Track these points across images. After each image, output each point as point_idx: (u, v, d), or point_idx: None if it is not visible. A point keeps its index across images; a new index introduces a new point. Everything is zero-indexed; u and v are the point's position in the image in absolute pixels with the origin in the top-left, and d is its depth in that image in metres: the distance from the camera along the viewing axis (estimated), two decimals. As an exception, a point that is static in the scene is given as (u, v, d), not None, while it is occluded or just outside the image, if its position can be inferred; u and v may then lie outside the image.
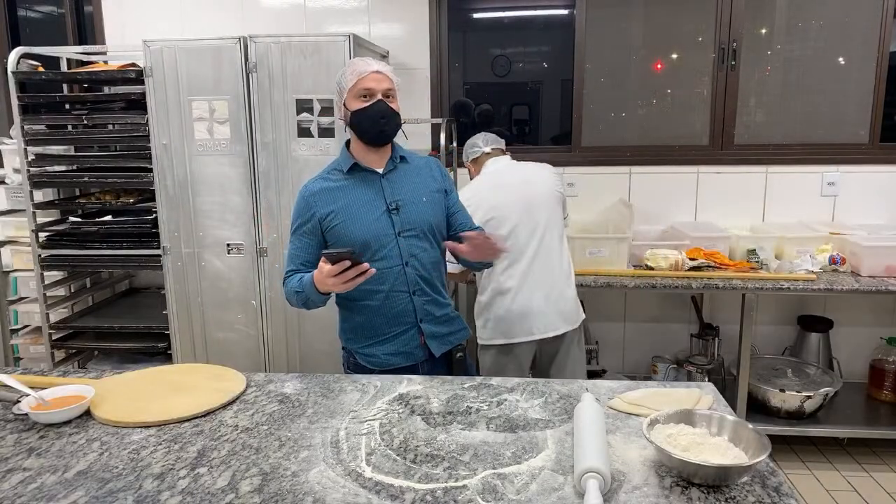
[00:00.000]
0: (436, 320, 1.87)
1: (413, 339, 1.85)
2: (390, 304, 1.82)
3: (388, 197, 1.81)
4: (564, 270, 2.38)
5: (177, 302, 2.90)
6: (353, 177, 1.82)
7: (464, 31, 3.54)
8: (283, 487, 1.19)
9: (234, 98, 2.70)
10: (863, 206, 3.28)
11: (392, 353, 1.85)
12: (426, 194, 1.86)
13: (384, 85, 1.77)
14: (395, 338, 1.85)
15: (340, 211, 1.79)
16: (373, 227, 1.78)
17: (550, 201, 2.37)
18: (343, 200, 1.80)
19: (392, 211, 1.80)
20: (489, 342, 2.37)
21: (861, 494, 2.69)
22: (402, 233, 1.80)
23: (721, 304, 3.41)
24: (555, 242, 2.36)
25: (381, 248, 1.78)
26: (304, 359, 2.85)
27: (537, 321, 2.31)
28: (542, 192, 2.37)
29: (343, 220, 1.78)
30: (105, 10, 3.51)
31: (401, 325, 1.84)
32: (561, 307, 2.34)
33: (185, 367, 1.92)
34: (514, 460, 1.27)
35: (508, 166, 2.47)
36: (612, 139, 3.47)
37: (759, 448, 1.17)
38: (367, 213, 1.79)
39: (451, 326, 1.91)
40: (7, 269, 3.34)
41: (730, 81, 3.30)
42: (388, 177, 1.84)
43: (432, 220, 1.85)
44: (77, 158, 3.10)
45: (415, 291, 1.83)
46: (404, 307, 1.83)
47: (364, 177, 1.82)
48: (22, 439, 1.40)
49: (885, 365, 3.13)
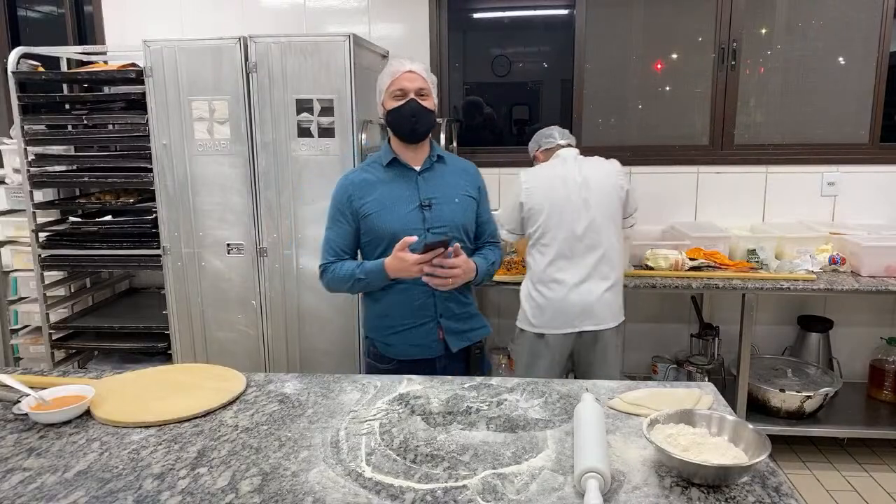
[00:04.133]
0: (455, 317, 1.93)
1: (431, 333, 1.91)
2: (412, 298, 1.88)
3: (421, 194, 1.89)
4: (616, 271, 2.38)
5: (177, 302, 2.90)
6: (391, 171, 1.92)
7: (464, 31, 3.54)
8: (283, 487, 1.19)
9: (234, 98, 2.70)
10: (863, 206, 3.28)
11: (410, 345, 1.91)
12: (458, 195, 1.93)
13: (416, 84, 1.85)
14: (413, 330, 1.91)
15: (376, 202, 1.87)
16: (404, 220, 1.85)
17: (608, 199, 2.36)
18: (379, 192, 1.89)
19: (424, 207, 1.87)
20: (526, 327, 2.40)
21: (861, 494, 2.69)
22: (430, 229, 1.87)
23: (721, 304, 3.41)
24: (606, 240, 2.35)
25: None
26: (304, 359, 2.85)
27: (579, 315, 2.32)
28: (600, 188, 2.37)
29: (377, 210, 1.87)
30: (105, 10, 3.50)
31: (420, 319, 1.90)
32: (601, 305, 2.33)
33: (185, 367, 1.93)
34: (514, 460, 1.27)
35: (576, 161, 2.45)
36: (612, 139, 3.47)
37: (759, 448, 1.17)
38: (401, 206, 1.87)
39: (470, 324, 1.97)
40: (7, 269, 3.34)
41: (730, 81, 3.30)
42: (423, 174, 1.92)
43: (462, 221, 1.92)
44: (77, 158, 3.10)
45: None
46: (425, 301, 1.89)
47: (401, 172, 1.91)
48: (22, 439, 1.40)
49: (885, 365, 3.13)
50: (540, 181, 2.40)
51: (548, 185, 2.38)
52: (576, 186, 2.35)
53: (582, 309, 2.32)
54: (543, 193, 2.36)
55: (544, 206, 2.35)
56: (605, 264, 2.34)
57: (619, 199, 2.40)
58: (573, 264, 2.33)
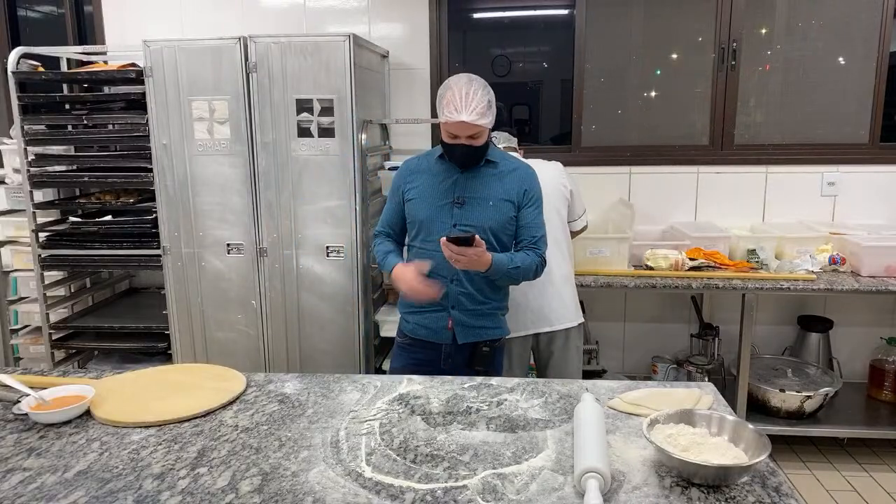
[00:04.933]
0: (467, 311, 2.01)
1: (441, 321, 2.02)
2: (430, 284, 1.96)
3: (458, 191, 1.99)
4: (562, 269, 2.39)
5: (177, 302, 2.90)
6: (440, 164, 2.03)
7: (464, 31, 3.54)
8: (283, 487, 1.19)
9: (234, 98, 2.70)
10: (863, 206, 3.28)
11: (421, 326, 2.06)
12: (494, 199, 1.99)
13: (468, 132, 1.90)
14: (425, 313, 2.04)
15: (417, 190, 2.03)
16: (434, 212, 1.99)
17: (551, 203, 2.37)
18: (423, 181, 2.03)
19: (456, 204, 1.98)
20: None
21: (861, 494, 2.69)
22: (457, 225, 1.96)
23: (721, 304, 3.41)
24: (552, 242, 2.34)
25: (433, 233, 1.96)
26: (304, 359, 2.85)
27: (533, 316, 2.33)
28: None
29: (415, 197, 2.03)
30: (105, 10, 3.50)
31: (433, 306, 2.01)
32: (556, 304, 2.35)
33: (185, 367, 1.93)
34: (514, 460, 1.27)
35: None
36: (612, 139, 3.47)
37: (759, 448, 1.17)
38: (436, 199, 2.00)
39: (482, 321, 2.04)
40: (7, 269, 3.34)
41: (730, 81, 3.30)
42: (466, 174, 2.00)
43: (493, 224, 1.98)
44: (77, 158, 3.10)
45: (453, 280, 1.99)
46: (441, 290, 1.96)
47: (448, 168, 2.02)
48: (22, 439, 1.40)
49: (885, 365, 3.13)
50: None
51: None
52: None
53: (534, 309, 2.33)
54: None
55: None
56: (552, 266, 2.30)
57: (562, 197, 2.43)
58: None
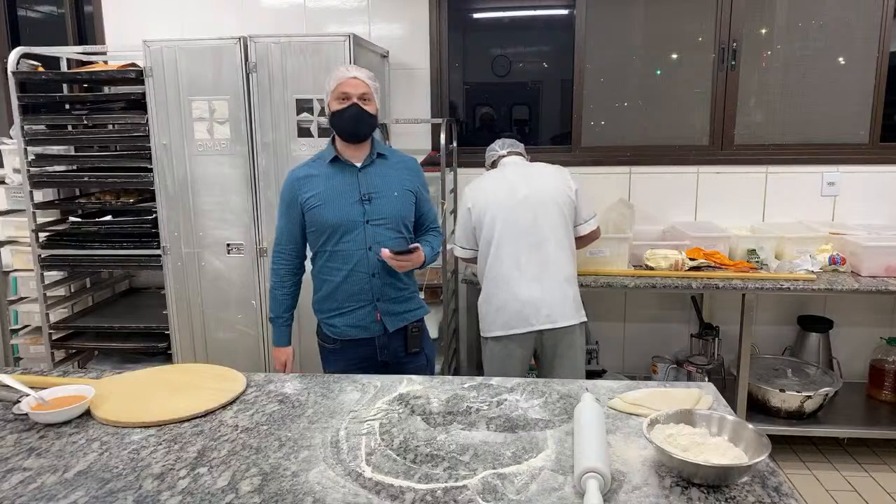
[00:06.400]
0: (391, 300, 2.06)
1: (369, 316, 2.05)
2: (351, 283, 2.03)
3: (362, 188, 2.01)
4: (566, 268, 2.39)
5: (177, 302, 2.90)
6: (333, 167, 2.04)
7: (464, 31, 3.54)
8: (283, 487, 1.19)
9: (234, 98, 2.70)
10: (863, 206, 3.28)
11: (350, 326, 2.06)
12: (398, 189, 2.05)
13: (360, 90, 1.98)
14: (353, 312, 2.05)
15: (318, 196, 2.01)
16: (344, 213, 1.99)
17: (553, 201, 2.39)
18: (322, 187, 2.02)
19: (364, 201, 2.00)
20: (489, 333, 2.41)
21: (861, 494, 2.69)
22: (370, 221, 2.00)
23: (721, 304, 3.41)
24: (553, 241, 2.37)
25: (348, 233, 1.99)
26: (304, 359, 2.85)
27: (536, 312, 2.34)
28: (543, 190, 2.40)
29: (320, 203, 2.00)
30: (105, 10, 3.50)
31: (359, 302, 2.04)
32: (560, 302, 2.36)
33: (185, 367, 1.93)
34: (514, 460, 1.27)
35: (517, 165, 2.52)
36: (612, 139, 3.47)
37: (759, 448, 1.17)
38: (342, 200, 2.00)
39: (406, 305, 2.10)
40: (7, 269, 3.34)
41: (730, 81, 3.30)
42: (364, 170, 2.04)
43: (401, 213, 2.05)
44: (77, 158, 3.10)
45: (374, 274, 2.02)
46: (363, 286, 2.03)
47: (343, 168, 2.04)
48: (22, 439, 1.40)
49: (885, 365, 3.13)
50: (484, 187, 2.47)
51: (491, 189, 2.44)
52: (518, 187, 2.40)
53: (539, 306, 2.34)
54: (486, 197, 2.42)
55: (489, 209, 2.39)
56: (553, 264, 2.36)
57: (567, 198, 2.42)
58: (522, 265, 2.36)
